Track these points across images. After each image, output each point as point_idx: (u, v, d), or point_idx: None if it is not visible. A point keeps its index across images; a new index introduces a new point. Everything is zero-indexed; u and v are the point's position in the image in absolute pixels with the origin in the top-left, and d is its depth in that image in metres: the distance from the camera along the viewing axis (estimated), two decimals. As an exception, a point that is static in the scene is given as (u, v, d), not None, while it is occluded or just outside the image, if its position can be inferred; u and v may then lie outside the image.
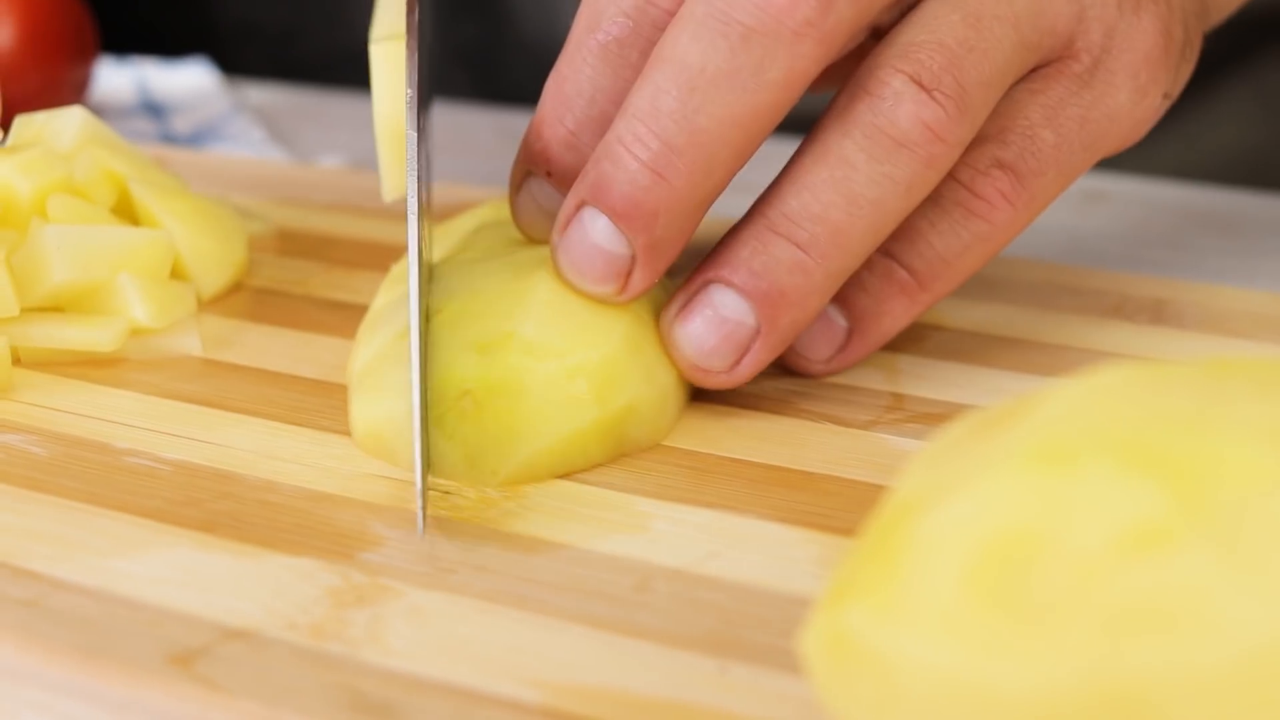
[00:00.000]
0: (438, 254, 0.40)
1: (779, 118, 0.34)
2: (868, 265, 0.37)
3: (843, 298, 0.38)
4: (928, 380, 0.40)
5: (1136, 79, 0.38)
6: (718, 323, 0.36)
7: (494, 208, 0.43)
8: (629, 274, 0.35)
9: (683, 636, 0.28)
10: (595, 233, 0.35)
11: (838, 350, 0.38)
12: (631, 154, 0.34)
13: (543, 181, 0.38)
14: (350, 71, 0.85)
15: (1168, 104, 0.40)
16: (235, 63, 0.78)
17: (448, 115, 0.71)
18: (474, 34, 0.82)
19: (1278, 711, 0.20)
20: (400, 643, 0.28)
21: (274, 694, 0.27)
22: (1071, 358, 0.41)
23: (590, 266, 0.35)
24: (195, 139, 0.66)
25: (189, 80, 0.71)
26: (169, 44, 0.78)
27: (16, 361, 0.40)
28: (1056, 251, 0.51)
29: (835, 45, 0.34)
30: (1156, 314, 0.44)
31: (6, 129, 0.45)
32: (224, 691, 0.27)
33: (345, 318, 0.43)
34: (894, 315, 0.38)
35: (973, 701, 0.21)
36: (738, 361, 0.36)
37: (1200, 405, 0.22)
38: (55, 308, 0.41)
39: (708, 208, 0.35)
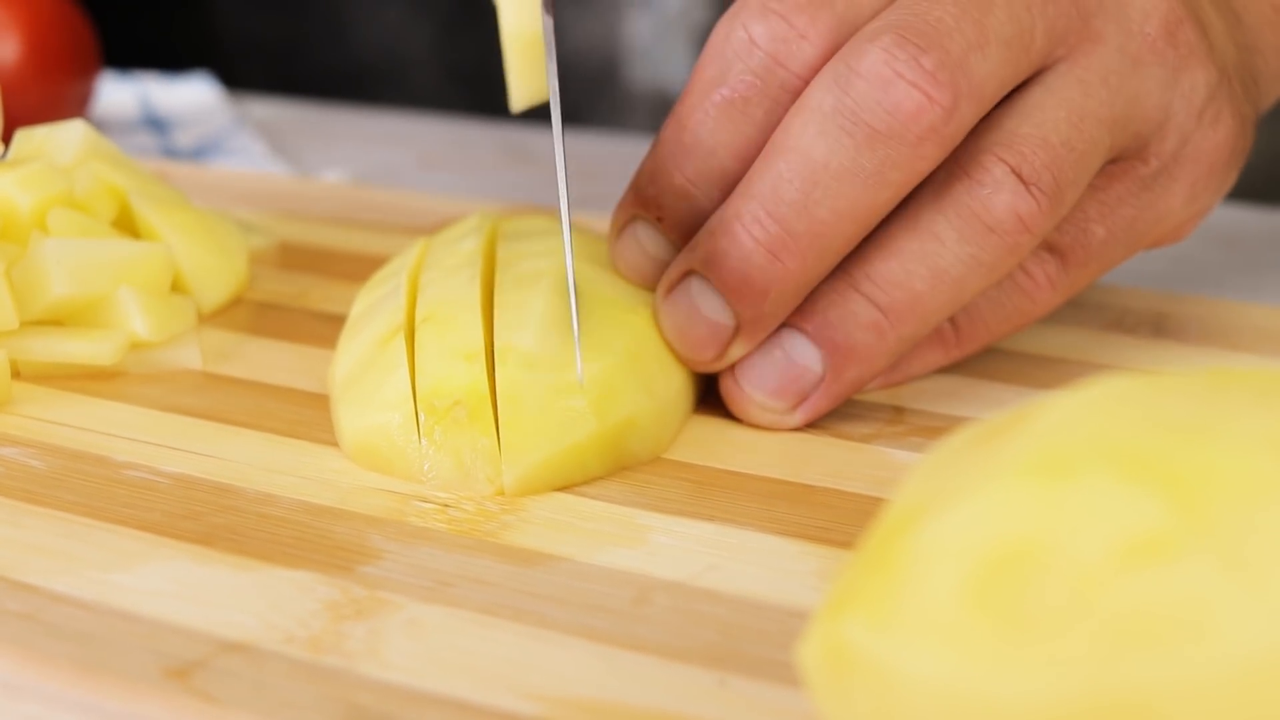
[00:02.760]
0: (428, 265, 0.40)
1: (892, 208, 0.35)
2: None
3: None
4: (929, 394, 0.39)
5: (1193, 188, 0.39)
6: (785, 365, 0.36)
7: (481, 218, 0.43)
8: (729, 343, 0.36)
9: (682, 649, 0.28)
10: (703, 302, 0.36)
11: None
12: (749, 233, 0.35)
13: (650, 227, 0.38)
14: (352, 86, 0.85)
15: (1212, 207, 0.40)
16: (238, 78, 0.79)
17: (448, 131, 0.71)
18: (474, 52, 0.82)
19: (1278, 723, 0.20)
20: (398, 656, 0.28)
21: (271, 707, 0.26)
22: (1072, 371, 0.41)
23: (694, 333, 0.36)
24: (197, 153, 0.66)
25: (191, 95, 0.72)
26: (171, 59, 0.78)
27: (16, 375, 0.40)
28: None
29: (953, 146, 0.35)
30: (1158, 328, 0.44)
31: (7, 143, 0.45)
32: (221, 704, 0.27)
33: (345, 331, 0.43)
34: (927, 361, 0.39)
35: (971, 712, 0.21)
36: (796, 406, 0.37)
37: (1199, 415, 0.22)
38: (55, 321, 0.41)
39: (813, 287, 0.36)
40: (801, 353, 0.36)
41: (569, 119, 0.76)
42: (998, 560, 0.21)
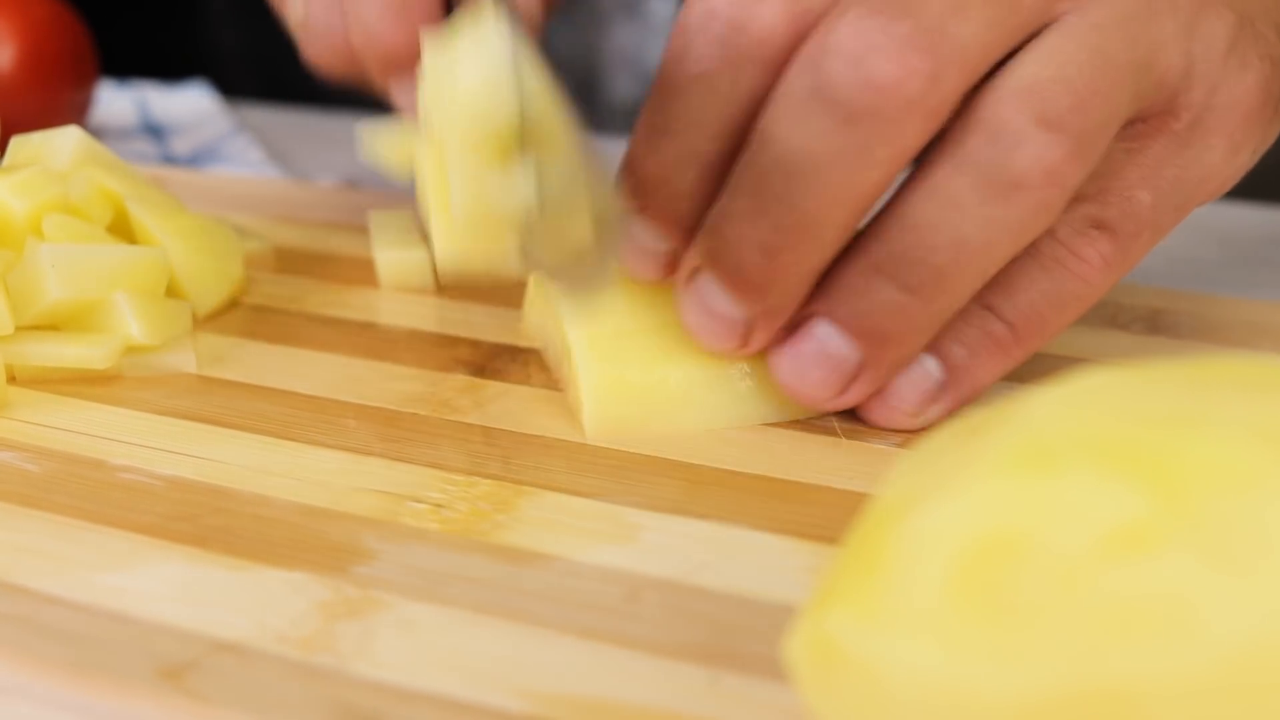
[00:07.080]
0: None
1: (885, 189, 0.34)
2: (965, 317, 0.36)
3: (938, 348, 0.36)
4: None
5: (1232, 138, 0.37)
6: (820, 356, 0.36)
7: None
8: (748, 335, 0.36)
9: (673, 647, 0.28)
10: (712, 297, 0.35)
11: (929, 401, 0.37)
12: (739, 231, 0.34)
13: (636, 218, 0.36)
14: (345, 92, 0.85)
15: (1254, 161, 0.38)
16: (233, 86, 0.79)
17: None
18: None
19: (1260, 713, 0.20)
20: (390, 655, 0.28)
21: (263, 706, 0.27)
22: (1067, 367, 0.41)
23: (710, 327, 0.36)
24: (195, 160, 0.66)
25: (189, 102, 0.72)
26: (168, 69, 0.78)
27: (12, 379, 0.40)
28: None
29: (943, 117, 0.33)
30: (1153, 323, 0.44)
31: (3, 150, 0.45)
32: (213, 704, 0.27)
33: (340, 334, 0.43)
34: (988, 369, 0.37)
35: (956, 705, 0.21)
36: (843, 390, 0.36)
37: (1183, 407, 0.22)
38: (51, 326, 0.41)
39: (819, 274, 0.35)
40: (834, 342, 0.35)
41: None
42: (981, 554, 0.21)
